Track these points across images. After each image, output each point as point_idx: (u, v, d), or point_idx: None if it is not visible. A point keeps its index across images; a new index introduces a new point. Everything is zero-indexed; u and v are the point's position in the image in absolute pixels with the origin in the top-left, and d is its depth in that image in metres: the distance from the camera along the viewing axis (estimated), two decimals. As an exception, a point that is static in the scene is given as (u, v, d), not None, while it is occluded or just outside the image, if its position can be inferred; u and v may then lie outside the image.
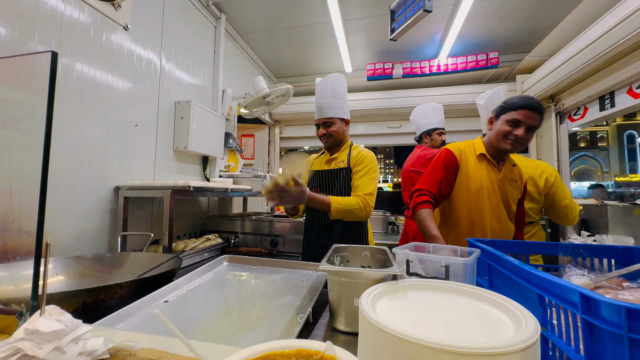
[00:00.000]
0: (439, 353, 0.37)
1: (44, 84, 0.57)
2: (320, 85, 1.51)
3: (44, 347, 0.33)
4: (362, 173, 1.40)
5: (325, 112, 1.47)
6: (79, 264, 1.07)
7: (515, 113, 1.20)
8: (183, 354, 0.41)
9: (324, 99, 1.47)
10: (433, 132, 2.14)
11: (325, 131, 1.48)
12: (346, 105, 1.51)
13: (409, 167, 2.13)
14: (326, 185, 1.51)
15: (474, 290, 0.58)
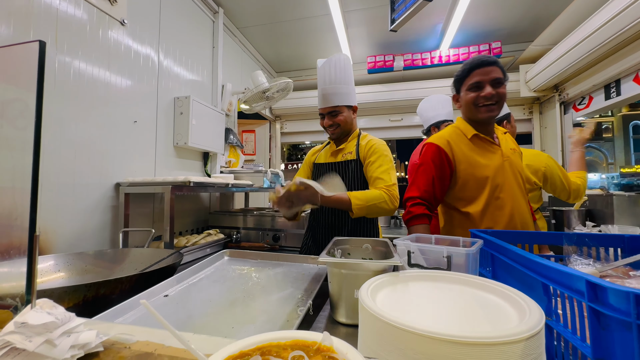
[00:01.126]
0: (440, 343, 0.36)
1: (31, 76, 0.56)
2: (323, 69, 1.34)
3: (33, 339, 0.32)
4: (378, 163, 1.27)
5: (330, 99, 1.31)
6: (81, 261, 1.08)
7: (470, 77, 1.12)
8: (178, 346, 0.40)
9: (327, 85, 1.32)
10: (441, 125, 2.10)
11: (331, 121, 1.33)
12: (353, 90, 1.35)
13: (416, 161, 2.10)
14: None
15: (476, 280, 0.57)
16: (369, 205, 1.15)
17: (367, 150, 1.31)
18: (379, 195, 1.18)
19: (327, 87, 1.32)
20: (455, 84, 1.20)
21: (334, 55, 1.35)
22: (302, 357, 0.31)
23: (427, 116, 2.14)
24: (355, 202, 1.14)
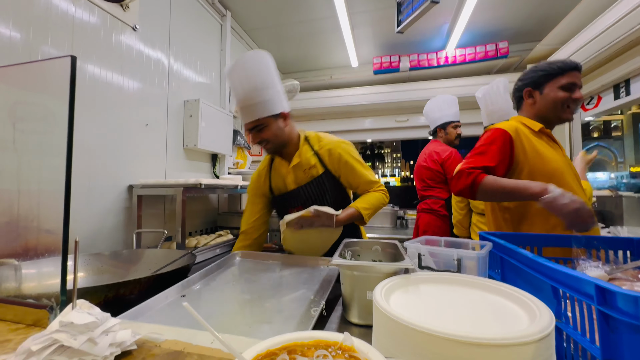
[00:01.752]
0: (453, 344, 0.38)
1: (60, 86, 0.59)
2: (232, 76, 1.12)
3: (78, 338, 0.34)
4: (358, 168, 1.22)
5: (250, 113, 1.10)
6: (98, 261, 1.11)
7: (565, 77, 1.08)
8: (206, 345, 0.43)
9: (242, 96, 1.10)
10: (448, 126, 2.10)
11: (259, 138, 1.15)
12: (275, 95, 1.12)
13: (421, 163, 2.11)
14: (310, 201, 1.23)
15: (486, 282, 0.59)
16: (374, 209, 1.21)
17: (335, 159, 1.22)
18: (380, 197, 1.23)
19: (241, 99, 1.11)
20: (537, 78, 1.14)
21: (241, 57, 1.11)
22: (327, 356, 0.33)
23: (434, 117, 2.15)
24: (365, 213, 1.17)
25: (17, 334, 0.46)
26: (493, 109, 1.68)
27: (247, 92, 1.09)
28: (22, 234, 0.73)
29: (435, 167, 2.02)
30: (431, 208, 2.01)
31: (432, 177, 2.04)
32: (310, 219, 1.09)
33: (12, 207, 0.73)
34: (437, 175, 2.02)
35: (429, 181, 2.06)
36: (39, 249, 0.68)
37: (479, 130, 3.09)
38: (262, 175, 1.33)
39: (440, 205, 1.98)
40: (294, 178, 1.24)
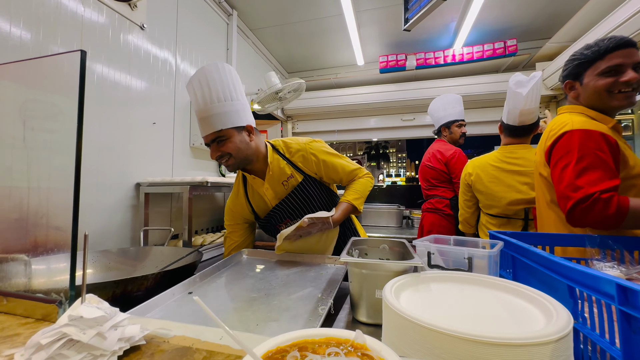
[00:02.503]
0: (469, 343, 0.37)
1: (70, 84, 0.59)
2: (191, 86, 1.05)
3: (87, 332, 0.34)
4: (337, 163, 1.19)
5: (210, 124, 1.01)
6: (105, 258, 1.12)
7: (605, 60, 0.97)
8: (214, 341, 0.42)
9: (201, 105, 1.02)
10: (452, 125, 2.08)
11: (219, 151, 1.05)
12: (239, 106, 1.05)
13: (425, 162, 2.10)
14: (297, 211, 1.20)
15: (499, 282, 0.57)
16: (364, 196, 1.20)
17: (311, 162, 1.16)
18: (366, 182, 1.22)
19: (201, 109, 1.02)
20: (574, 68, 1.06)
21: (204, 66, 1.04)
22: (338, 354, 0.32)
23: (438, 116, 2.14)
24: (357, 202, 1.17)
25: (27, 328, 0.47)
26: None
27: (208, 102, 1.01)
28: (31, 230, 0.73)
29: (439, 166, 2.00)
30: (435, 207, 1.99)
31: (436, 176, 2.03)
32: (306, 229, 1.07)
33: (22, 204, 0.74)
34: (441, 174, 2.00)
35: (433, 181, 2.04)
36: (48, 245, 0.69)
37: (486, 129, 3.06)
38: (241, 199, 1.24)
39: (445, 205, 1.96)
40: (273, 194, 1.18)
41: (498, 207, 1.56)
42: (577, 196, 0.91)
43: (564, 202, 0.95)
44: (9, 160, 0.76)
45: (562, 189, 0.96)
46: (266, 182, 1.16)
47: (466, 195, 1.72)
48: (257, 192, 1.21)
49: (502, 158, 1.58)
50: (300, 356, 0.32)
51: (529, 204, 1.47)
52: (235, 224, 1.29)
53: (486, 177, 1.59)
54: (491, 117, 2.98)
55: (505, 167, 1.55)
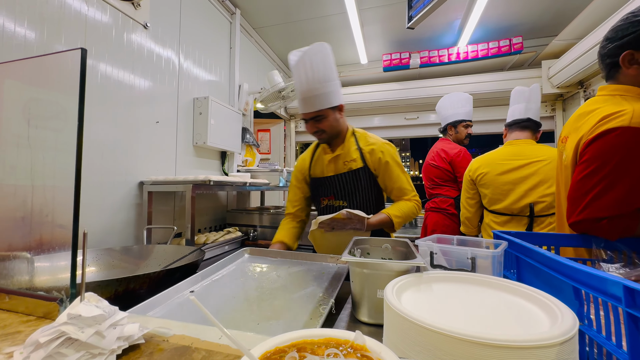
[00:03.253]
0: (471, 345, 0.36)
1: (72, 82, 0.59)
2: (297, 68, 1.14)
3: (85, 331, 0.34)
4: (396, 173, 1.24)
5: (311, 104, 1.15)
6: (109, 256, 1.12)
7: None
8: (213, 340, 0.42)
9: (305, 87, 1.13)
10: (459, 124, 2.06)
11: (316, 128, 1.20)
12: (335, 87, 1.16)
13: (429, 161, 2.09)
14: (344, 191, 1.28)
15: (503, 282, 0.57)
16: (405, 218, 1.21)
17: (377, 159, 1.23)
18: (412, 207, 1.23)
19: (305, 90, 1.14)
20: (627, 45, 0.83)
21: (307, 48, 1.13)
22: (337, 355, 0.31)
23: (446, 114, 2.12)
24: (397, 220, 1.19)
25: (28, 326, 0.47)
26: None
27: (312, 84, 1.12)
28: (36, 228, 0.74)
29: (443, 165, 1.98)
30: (439, 207, 1.98)
31: (440, 175, 2.01)
32: (342, 222, 1.13)
33: (27, 202, 0.74)
34: (445, 173, 1.99)
35: (437, 180, 2.03)
36: (52, 243, 0.69)
37: (490, 127, 3.03)
38: (306, 161, 1.39)
39: (449, 204, 1.94)
40: (333, 167, 1.30)
41: (504, 203, 1.55)
42: (583, 217, 0.82)
43: (570, 212, 0.87)
44: (13, 159, 0.77)
45: (577, 196, 0.85)
46: (332, 155, 1.28)
47: (469, 193, 1.70)
48: (320, 159, 1.34)
49: (509, 153, 1.57)
50: (299, 357, 0.31)
51: (536, 199, 1.45)
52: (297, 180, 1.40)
53: (493, 172, 1.58)
54: (496, 116, 2.96)
55: (512, 163, 1.53)
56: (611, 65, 0.89)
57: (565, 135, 1.01)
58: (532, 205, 1.46)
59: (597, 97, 0.93)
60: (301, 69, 1.13)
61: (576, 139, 0.90)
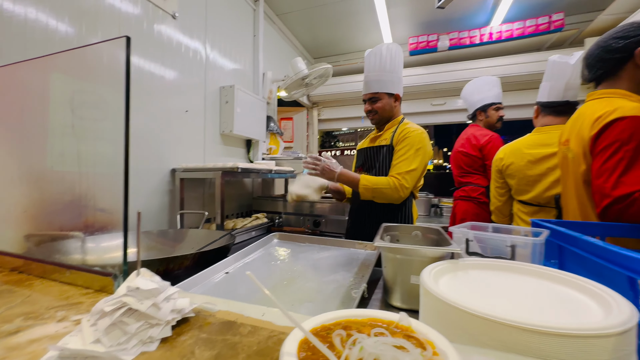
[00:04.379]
0: (521, 332, 0.35)
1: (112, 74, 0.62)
2: (369, 58, 1.39)
3: (144, 302, 0.37)
4: (402, 152, 1.29)
5: (371, 86, 1.37)
6: (147, 239, 1.19)
7: None
8: (257, 317, 0.44)
9: (371, 72, 1.37)
10: (489, 108, 1.95)
11: (370, 107, 1.39)
12: (397, 79, 1.37)
13: (458, 148, 1.99)
14: (368, 163, 1.43)
15: (548, 271, 0.54)
16: (374, 189, 1.22)
17: (400, 138, 1.32)
18: (386, 182, 1.23)
19: (369, 75, 1.37)
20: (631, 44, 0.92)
21: (383, 44, 1.37)
22: (384, 334, 0.32)
23: (473, 100, 2.00)
24: (363, 184, 1.22)
25: (88, 298, 0.51)
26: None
27: (377, 71, 1.34)
28: (83, 212, 0.79)
29: (473, 152, 1.89)
30: (469, 195, 1.91)
31: (470, 163, 1.92)
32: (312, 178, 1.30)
33: (74, 187, 0.79)
34: (475, 161, 1.90)
35: (467, 167, 1.94)
36: (96, 226, 0.74)
37: (524, 113, 2.86)
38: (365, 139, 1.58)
39: (480, 193, 1.87)
40: (368, 141, 1.50)
41: (530, 194, 1.47)
42: (615, 194, 0.82)
43: (599, 198, 0.86)
44: (61, 147, 0.82)
45: (599, 183, 0.87)
46: (375, 135, 1.47)
47: (497, 183, 1.63)
48: (368, 137, 1.54)
49: (537, 141, 1.47)
50: (345, 334, 0.32)
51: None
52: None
53: (518, 162, 1.49)
54: (531, 100, 2.77)
55: (539, 152, 1.43)
56: (619, 60, 0.95)
57: (566, 138, 1.06)
58: (557, 197, 1.37)
59: (588, 102, 1.02)
60: (372, 58, 1.36)
61: (580, 138, 0.97)
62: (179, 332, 0.39)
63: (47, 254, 0.70)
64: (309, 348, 0.30)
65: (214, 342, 0.38)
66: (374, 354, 0.27)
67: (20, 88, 0.86)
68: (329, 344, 0.30)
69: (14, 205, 0.80)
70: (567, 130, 1.07)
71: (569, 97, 1.42)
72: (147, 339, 0.36)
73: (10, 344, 0.37)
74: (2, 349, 0.36)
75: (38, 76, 0.84)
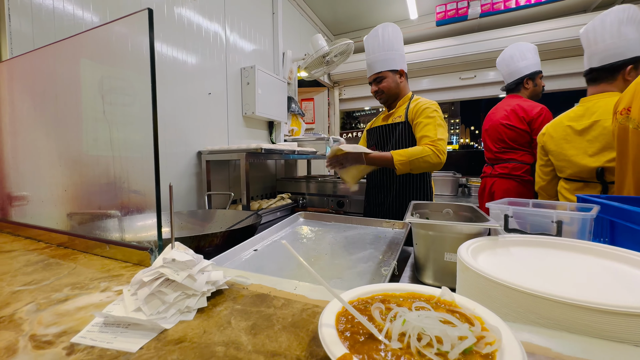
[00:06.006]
0: (576, 310, 0.32)
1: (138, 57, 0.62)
2: (367, 41, 1.41)
3: (180, 273, 0.37)
4: (425, 122, 1.27)
5: (374, 67, 1.37)
6: (178, 218, 1.23)
7: None
8: (289, 290, 0.43)
9: (372, 54, 1.38)
10: (537, 76, 1.77)
11: (377, 87, 1.39)
12: (399, 56, 1.37)
13: (501, 120, 1.78)
14: (381, 142, 1.43)
15: (602, 248, 0.49)
16: (411, 160, 1.17)
17: (415, 112, 1.31)
18: (422, 149, 1.18)
19: (371, 56, 1.38)
20: None
21: (377, 27, 1.38)
22: (426, 308, 0.30)
23: (518, 66, 1.79)
24: (397, 159, 1.18)
25: (127, 270, 0.53)
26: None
27: (378, 51, 1.35)
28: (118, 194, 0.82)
29: (522, 126, 1.69)
30: (511, 173, 1.75)
31: (515, 137, 1.72)
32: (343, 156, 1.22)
33: (109, 170, 0.82)
34: (522, 135, 1.70)
35: (511, 142, 1.74)
36: (130, 207, 0.76)
37: (566, 83, 2.62)
38: (374, 119, 1.59)
39: (524, 171, 1.71)
40: (381, 120, 1.48)
41: (570, 169, 1.35)
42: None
43: None
44: (94, 132, 0.85)
45: None
46: (387, 113, 1.46)
47: (542, 160, 1.51)
48: (379, 117, 1.54)
49: (578, 113, 1.33)
50: (384, 308, 0.30)
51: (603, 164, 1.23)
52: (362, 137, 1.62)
53: (557, 135, 1.37)
54: (574, 69, 2.52)
55: (578, 124, 1.30)
56: None
57: (624, 106, 0.96)
58: (599, 170, 1.24)
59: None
60: (371, 39, 1.38)
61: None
62: (214, 303, 0.40)
63: (88, 231, 0.74)
64: (348, 320, 0.29)
65: (249, 313, 0.38)
66: (418, 327, 0.25)
67: (53, 75, 0.88)
68: (368, 317, 0.29)
69: (55, 185, 0.84)
70: (626, 97, 0.96)
71: (594, 62, 1.26)
72: (184, 308, 0.37)
73: (60, 310, 0.40)
74: (54, 315, 0.38)
75: (68, 63, 0.86)
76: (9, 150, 0.99)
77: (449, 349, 0.24)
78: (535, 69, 1.76)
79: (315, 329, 0.33)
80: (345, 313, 0.30)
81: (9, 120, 0.98)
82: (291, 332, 0.34)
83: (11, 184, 0.99)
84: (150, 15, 0.49)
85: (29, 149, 0.94)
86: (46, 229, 0.76)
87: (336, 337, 0.26)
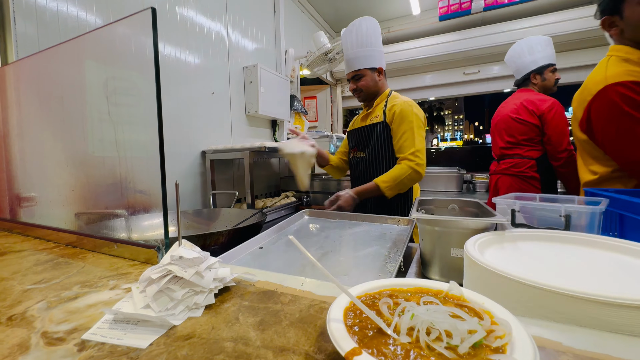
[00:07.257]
0: (591, 304, 0.31)
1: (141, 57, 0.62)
2: (344, 36, 1.37)
3: (187, 270, 0.37)
4: (402, 129, 1.26)
5: (351, 64, 1.34)
6: (184, 218, 1.24)
7: None
8: (296, 287, 0.43)
9: (349, 50, 1.34)
10: (545, 70, 1.73)
11: (355, 86, 1.37)
12: (377, 53, 1.34)
13: (511, 114, 1.76)
14: (362, 144, 1.41)
15: (611, 241, 0.49)
16: (397, 183, 1.21)
17: (392, 114, 1.29)
18: (403, 170, 1.21)
19: (348, 53, 1.35)
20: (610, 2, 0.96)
21: (354, 21, 1.34)
22: (435, 303, 0.30)
23: (524, 62, 1.77)
24: (384, 186, 1.21)
25: (135, 268, 0.54)
26: None
27: (355, 47, 1.32)
28: (124, 193, 0.83)
29: (532, 120, 1.66)
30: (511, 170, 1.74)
31: (525, 132, 1.69)
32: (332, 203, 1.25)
33: (115, 171, 0.83)
34: (532, 129, 1.67)
35: (520, 137, 1.71)
36: (135, 207, 0.77)
37: (581, 75, 2.56)
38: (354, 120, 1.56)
39: (529, 166, 1.69)
40: (360, 121, 1.46)
41: None
42: None
43: None
44: (100, 133, 0.85)
45: None
46: (365, 113, 1.44)
47: None
48: (359, 116, 1.51)
49: None
50: (392, 303, 0.30)
51: None
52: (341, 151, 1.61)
53: None
54: (588, 61, 2.45)
55: None
56: None
57: None
58: None
59: None
60: (348, 36, 1.34)
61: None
62: (222, 300, 0.40)
63: (96, 230, 0.74)
64: (356, 315, 0.29)
65: (257, 309, 0.38)
66: (427, 321, 0.25)
67: (58, 77, 0.89)
68: (376, 312, 0.29)
69: (63, 186, 0.85)
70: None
71: None
72: (192, 305, 0.37)
73: (71, 308, 0.40)
74: (64, 312, 0.39)
75: (73, 65, 0.86)
76: (17, 152, 1.00)
77: (459, 342, 0.24)
78: (544, 63, 1.72)
79: (323, 324, 0.34)
80: (353, 308, 0.30)
81: (17, 122, 0.99)
82: (299, 327, 0.34)
83: (20, 185, 1.01)
84: (153, 14, 0.50)
85: (36, 150, 0.95)
86: (55, 229, 0.77)
87: (345, 332, 0.26)
